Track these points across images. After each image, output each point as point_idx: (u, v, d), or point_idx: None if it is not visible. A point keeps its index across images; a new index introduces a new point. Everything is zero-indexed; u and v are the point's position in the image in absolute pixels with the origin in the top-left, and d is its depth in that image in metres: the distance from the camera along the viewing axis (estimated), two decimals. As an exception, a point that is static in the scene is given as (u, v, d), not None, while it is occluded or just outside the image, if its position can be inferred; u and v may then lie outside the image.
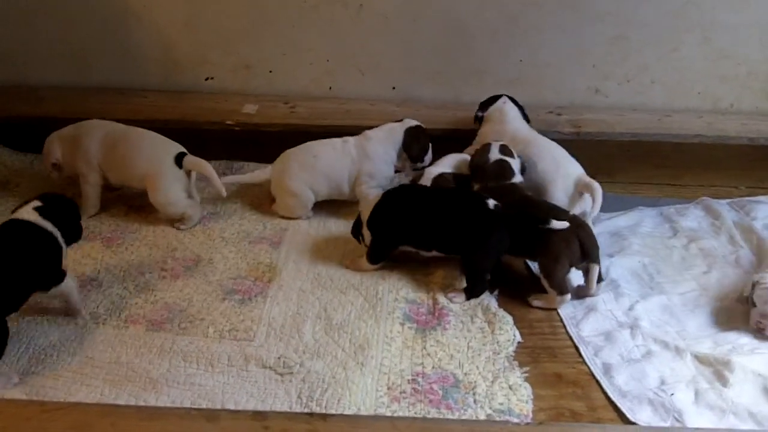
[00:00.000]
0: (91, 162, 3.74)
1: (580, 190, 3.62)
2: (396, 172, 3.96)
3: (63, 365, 2.88)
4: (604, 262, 3.44)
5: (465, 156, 3.81)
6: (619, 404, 2.79)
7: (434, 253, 3.39)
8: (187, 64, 4.48)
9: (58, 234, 3.04)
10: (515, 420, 2.68)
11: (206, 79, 4.51)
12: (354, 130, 4.10)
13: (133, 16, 4.36)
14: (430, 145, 3.91)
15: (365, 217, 3.41)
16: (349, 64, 4.48)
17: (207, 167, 3.69)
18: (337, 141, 3.90)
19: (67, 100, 4.30)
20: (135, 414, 2.39)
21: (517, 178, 3.55)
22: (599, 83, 4.48)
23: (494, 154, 3.59)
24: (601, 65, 4.44)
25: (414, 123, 3.92)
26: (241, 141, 4.14)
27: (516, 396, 2.80)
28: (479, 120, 4.03)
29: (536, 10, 4.34)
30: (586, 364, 2.98)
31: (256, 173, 3.88)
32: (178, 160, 3.68)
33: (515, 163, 3.59)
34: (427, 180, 3.69)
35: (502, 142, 3.67)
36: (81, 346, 2.98)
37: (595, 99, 4.49)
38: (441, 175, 3.71)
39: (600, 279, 3.33)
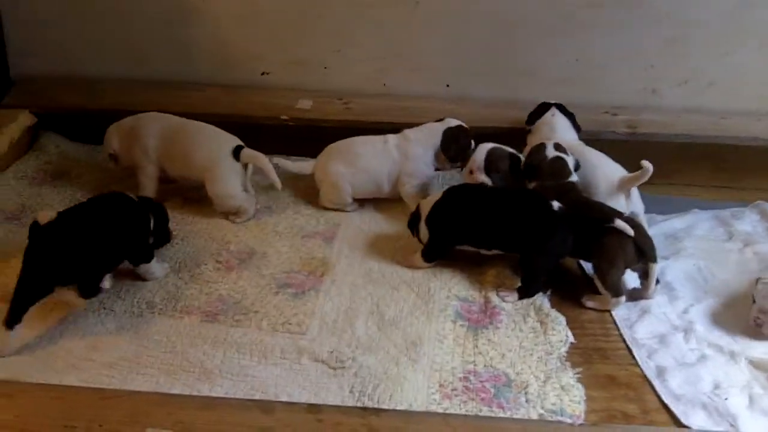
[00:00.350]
0: (149, 154, 3.79)
1: (624, 186, 3.58)
2: (437, 170, 3.96)
3: (119, 354, 2.92)
4: (659, 264, 3.41)
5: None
6: (672, 408, 2.77)
7: (495, 252, 3.39)
8: (243, 58, 4.51)
9: (151, 217, 3.26)
10: (568, 420, 2.68)
11: (262, 74, 4.53)
12: (407, 128, 4.10)
13: (192, 11, 4.40)
14: (472, 144, 3.86)
15: (425, 213, 3.42)
16: (404, 61, 4.48)
17: (264, 160, 3.72)
18: (378, 140, 3.91)
19: (125, 93, 4.35)
20: (191, 403, 2.43)
21: (574, 177, 3.53)
22: (656, 84, 4.42)
23: (550, 152, 3.57)
24: (658, 66, 4.39)
25: (455, 123, 3.91)
26: (296, 136, 4.16)
27: (568, 397, 2.79)
28: (527, 132, 3.98)
29: (592, 9, 4.30)
30: (639, 366, 2.96)
31: (301, 164, 3.92)
32: (236, 152, 3.71)
33: (570, 161, 3.57)
34: (481, 152, 3.65)
35: (555, 141, 3.65)
36: (137, 335, 3.02)
37: (652, 100, 4.44)
38: (497, 148, 3.67)
39: (656, 281, 3.30)
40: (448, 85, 4.51)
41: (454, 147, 3.86)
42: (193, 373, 2.84)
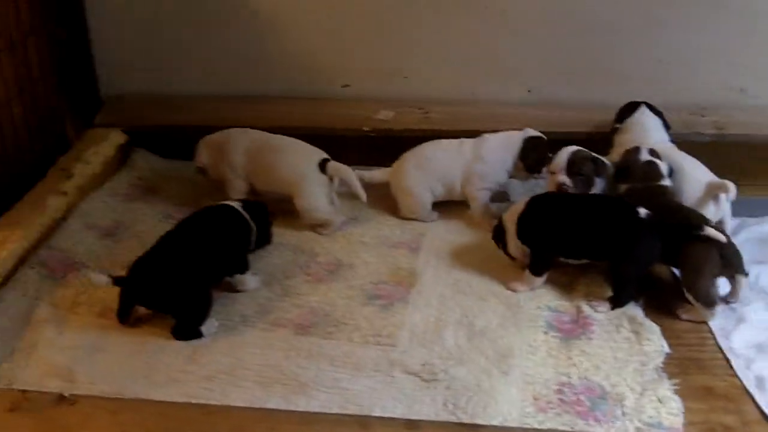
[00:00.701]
0: (237, 170, 3.87)
1: (710, 192, 3.54)
2: (509, 177, 3.96)
3: (216, 366, 2.98)
4: (754, 269, 3.37)
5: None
6: (773, 418, 2.73)
7: (583, 261, 3.37)
8: (324, 71, 4.56)
9: (253, 228, 3.38)
10: (666, 433, 2.66)
11: (343, 86, 4.58)
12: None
13: (271, 26, 4.47)
14: (550, 156, 3.82)
15: (511, 226, 3.40)
16: (484, 68, 4.48)
17: (349, 173, 3.77)
18: (453, 142, 3.93)
19: (211, 109, 4.44)
20: (291, 418, 2.48)
21: (666, 181, 3.51)
22: (744, 83, 4.35)
23: (644, 155, 3.55)
24: (746, 64, 4.31)
25: (535, 133, 3.89)
26: (377, 147, 4.19)
27: (666, 409, 2.75)
28: (615, 130, 3.95)
29: (677, 8, 4.25)
30: (737, 376, 2.91)
31: (376, 173, 3.94)
32: (322, 166, 3.76)
33: (664, 166, 3.54)
34: (564, 154, 3.63)
35: (650, 147, 3.62)
36: (232, 348, 3.07)
37: (740, 99, 4.37)
38: (581, 150, 3.65)
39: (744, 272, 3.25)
40: (529, 91, 4.50)
41: (532, 156, 3.84)
42: (289, 386, 2.87)
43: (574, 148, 3.67)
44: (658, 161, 3.55)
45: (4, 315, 3.17)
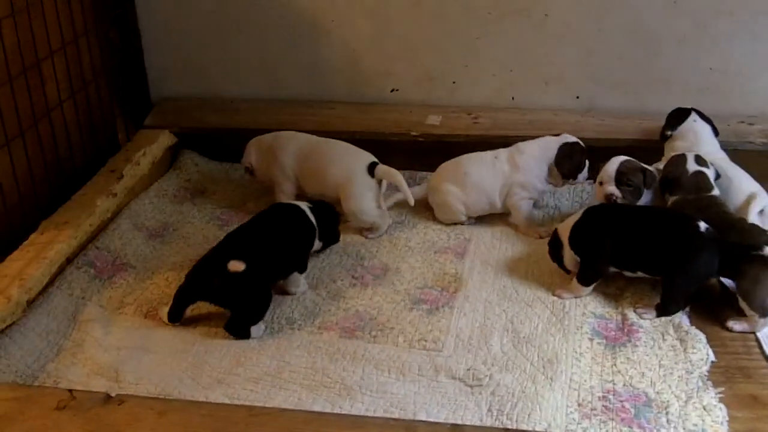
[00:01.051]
0: (287, 173, 3.90)
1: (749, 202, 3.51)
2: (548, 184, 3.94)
3: (262, 368, 3.00)
4: None
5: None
6: (820, 426, 2.70)
7: (639, 275, 3.33)
8: (372, 76, 4.58)
9: (316, 230, 3.45)
10: (710, 441, 2.64)
11: (391, 91, 4.60)
12: None
13: (322, 31, 4.50)
14: (587, 162, 3.84)
15: (565, 237, 3.38)
16: (532, 74, 4.48)
17: (398, 176, 3.77)
18: (488, 155, 3.92)
19: (259, 112, 4.48)
20: (337, 422, 2.48)
21: (716, 191, 3.48)
22: (793, 91, 4.32)
23: (692, 166, 3.53)
24: (796, 72, 4.28)
25: (571, 139, 3.87)
26: (426, 152, 4.20)
27: (710, 417, 2.73)
28: (666, 138, 3.90)
29: (727, 17, 4.21)
30: (783, 385, 2.89)
31: (415, 189, 3.90)
32: (371, 169, 3.78)
33: (711, 173, 3.52)
34: (613, 164, 3.60)
35: (696, 153, 3.60)
36: (278, 350, 3.10)
37: (789, 108, 4.33)
38: (629, 161, 3.62)
39: None
40: (577, 97, 4.49)
41: (567, 163, 3.83)
42: (334, 389, 2.90)
43: (623, 158, 3.63)
44: (706, 170, 3.52)
45: (51, 314, 3.23)
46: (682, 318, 3.22)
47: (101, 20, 4.23)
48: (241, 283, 3.11)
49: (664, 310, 3.22)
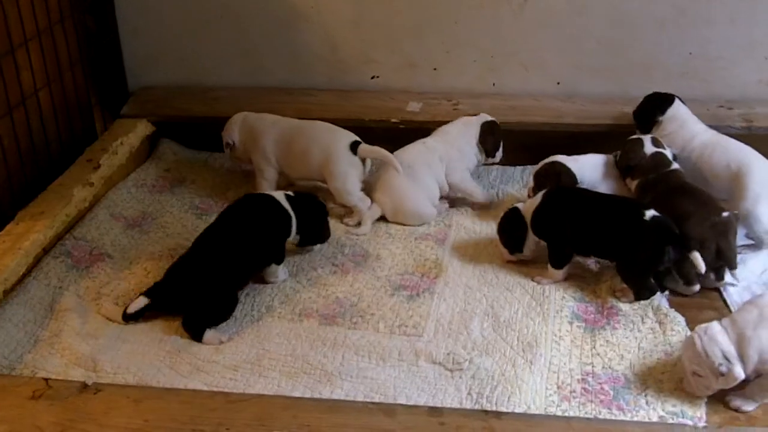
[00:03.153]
0: (269, 158, 3.89)
1: None
2: None
3: (241, 356, 2.99)
4: None
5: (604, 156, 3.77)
6: (796, 408, 2.70)
7: (593, 259, 3.39)
8: (353, 63, 4.56)
9: (293, 220, 3.38)
10: (689, 422, 2.63)
11: (372, 78, 4.58)
12: (518, 127, 4.16)
13: (302, 18, 4.47)
14: (501, 142, 3.95)
15: (528, 220, 3.40)
16: (513, 59, 4.46)
17: (381, 151, 3.77)
18: (415, 145, 3.92)
19: (239, 100, 4.41)
20: (315, 407, 2.47)
21: (675, 166, 3.50)
22: (771, 76, 4.32)
23: (649, 148, 3.54)
24: (774, 57, 4.28)
25: (490, 118, 3.95)
26: (406, 138, 4.15)
27: (689, 398, 2.74)
28: (653, 124, 3.85)
29: (706, 2, 4.21)
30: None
31: (371, 214, 3.81)
32: (353, 147, 3.77)
33: (669, 153, 3.55)
34: (539, 164, 3.70)
35: (652, 135, 3.62)
36: (258, 338, 3.08)
37: (767, 92, 4.33)
38: (551, 165, 3.68)
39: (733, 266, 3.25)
40: (558, 83, 4.47)
41: (491, 139, 3.94)
42: (314, 376, 2.89)
43: (550, 159, 3.70)
44: (663, 150, 3.54)
45: (28, 305, 3.20)
46: (661, 301, 3.22)
47: (77, 7, 4.18)
48: (203, 286, 3.11)
49: (637, 295, 3.22)
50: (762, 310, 2.69)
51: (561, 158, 3.69)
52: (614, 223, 3.24)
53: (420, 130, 4.12)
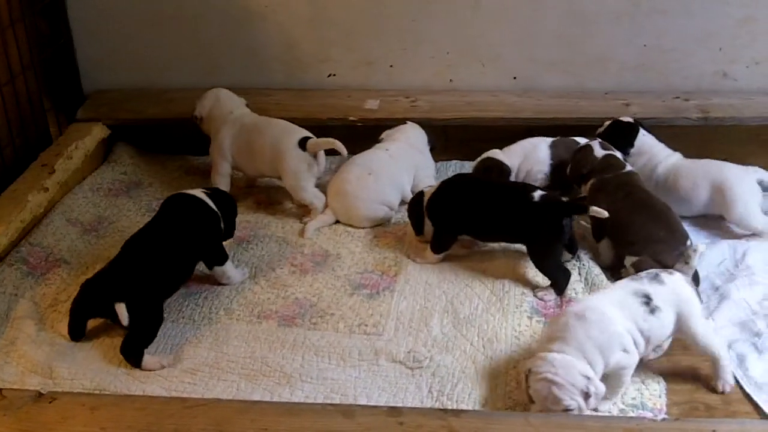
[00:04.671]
0: (225, 154, 3.90)
1: None
2: None
3: (199, 360, 2.98)
4: (741, 247, 3.45)
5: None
6: (755, 397, 2.74)
7: (489, 244, 3.49)
8: (309, 61, 4.54)
9: (220, 217, 3.32)
10: (649, 414, 2.64)
11: (329, 76, 4.56)
12: (475, 122, 4.19)
13: (257, 17, 4.44)
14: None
15: (426, 204, 3.49)
16: (470, 55, 4.46)
17: (329, 141, 3.76)
18: (370, 152, 3.93)
19: (195, 101, 4.38)
20: (273, 410, 2.45)
21: (629, 168, 3.51)
22: (727, 67, 4.34)
23: (599, 152, 3.53)
24: (729, 48, 4.30)
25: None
26: (364, 136, 4.15)
27: (648, 390, 2.76)
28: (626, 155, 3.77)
29: (660, -6, 4.25)
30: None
31: (323, 218, 3.79)
32: (302, 143, 3.77)
33: (619, 154, 3.55)
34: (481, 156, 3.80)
35: (599, 140, 3.62)
36: (216, 341, 3.07)
37: (723, 83, 4.36)
38: (489, 158, 3.79)
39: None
40: (515, 78, 4.48)
41: (434, 141, 4.06)
42: (273, 378, 2.88)
43: (489, 153, 3.82)
44: (613, 152, 3.54)
45: (-18, 313, 3.15)
46: (620, 294, 3.23)
47: (29, 10, 4.13)
48: (135, 307, 2.97)
49: (556, 286, 3.25)
50: (576, 315, 2.67)
51: (494, 153, 3.81)
52: (506, 208, 3.32)
53: (378, 127, 4.11)
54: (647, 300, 2.72)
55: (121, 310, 2.91)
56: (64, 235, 3.65)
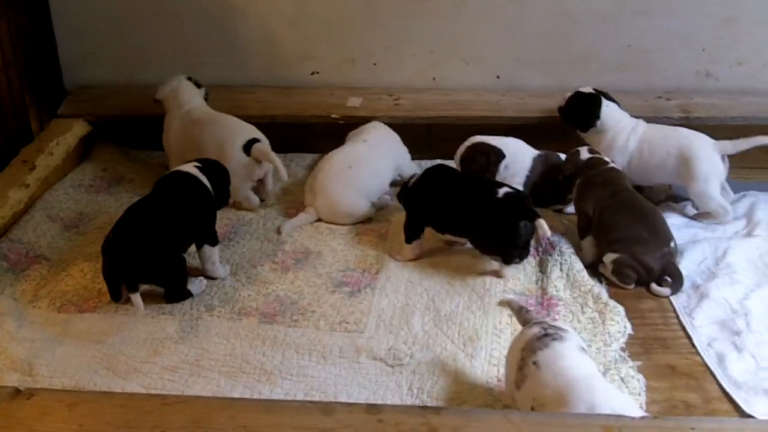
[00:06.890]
0: (171, 146, 3.96)
1: None
2: None
3: (180, 357, 2.97)
4: (722, 245, 3.46)
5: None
6: (734, 396, 2.75)
7: (448, 237, 3.47)
8: (292, 59, 4.53)
9: (212, 193, 3.36)
10: (629, 412, 2.65)
11: (311, 74, 4.55)
12: (458, 121, 4.18)
13: (239, 14, 4.43)
14: None
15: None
16: (453, 54, 4.46)
17: (271, 155, 3.73)
18: (350, 146, 3.94)
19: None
20: (252, 407, 2.43)
21: (612, 164, 3.53)
22: (709, 66, 4.36)
23: (585, 155, 3.57)
24: (711, 48, 4.32)
25: None
26: (347, 134, 4.17)
27: (628, 388, 2.76)
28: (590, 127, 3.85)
29: (643, -6, 4.26)
30: (699, 354, 2.94)
31: (303, 217, 3.78)
32: (247, 146, 3.75)
33: (605, 157, 3.58)
34: (462, 146, 3.76)
35: (588, 147, 3.66)
36: (197, 338, 3.06)
37: (706, 83, 4.37)
38: (473, 146, 3.75)
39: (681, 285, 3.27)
40: (498, 77, 4.48)
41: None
42: (253, 375, 2.88)
43: (471, 140, 3.76)
44: (598, 155, 3.57)
45: (-39, 309, 3.13)
46: (601, 291, 3.26)
47: (11, 6, 4.11)
48: (155, 260, 3.13)
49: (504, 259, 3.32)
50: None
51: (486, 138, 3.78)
52: (470, 201, 3.32)
53: (360, 125, 4.11)
54: None
55: (137, 300, 3.06)
56: (44, 232, 3.64)
